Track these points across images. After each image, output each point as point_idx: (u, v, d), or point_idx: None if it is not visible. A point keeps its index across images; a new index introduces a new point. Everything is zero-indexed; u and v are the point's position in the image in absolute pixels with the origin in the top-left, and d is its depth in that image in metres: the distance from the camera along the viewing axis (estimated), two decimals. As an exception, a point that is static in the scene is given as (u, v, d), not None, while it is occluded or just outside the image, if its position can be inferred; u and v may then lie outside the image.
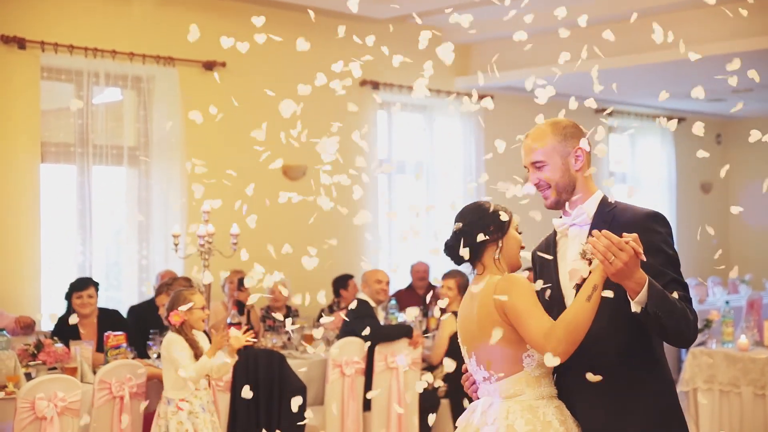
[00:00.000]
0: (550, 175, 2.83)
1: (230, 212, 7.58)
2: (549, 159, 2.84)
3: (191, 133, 7.76)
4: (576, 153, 2.82)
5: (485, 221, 2.96)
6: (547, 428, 2.69)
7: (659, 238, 2.65)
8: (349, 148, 9.56)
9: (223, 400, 5.30)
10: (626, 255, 2.47)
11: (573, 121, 2.88)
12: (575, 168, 2.83)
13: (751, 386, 6.49)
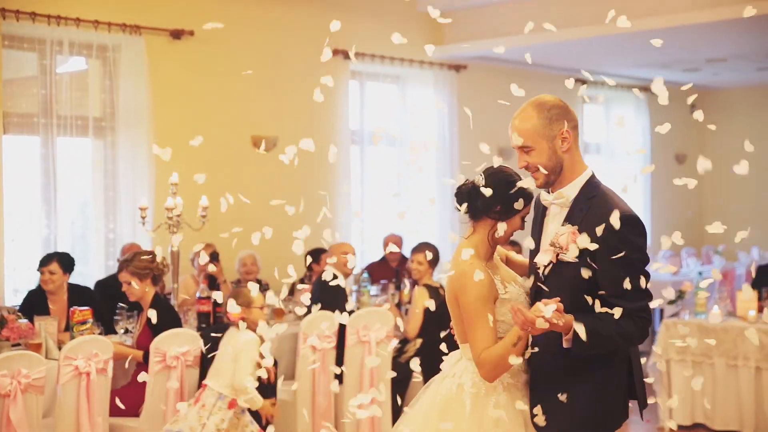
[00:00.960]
0: (537, 159, 2.84)
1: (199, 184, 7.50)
2: (535, 144, 2.84)
3: (159, 103, 7.66)
4: (562, 135, 2.81)
5: (498, 199, 2.96)
6: (490, 393, 2.89)
7: (627, 245, 2.67)
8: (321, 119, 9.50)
9: (192, 377, 5.26)
10: (540, 330, 2.65)
11: (558, 100, 2.85)
12: (562, 150, 2.83)
13: (724, 357, 6.55)
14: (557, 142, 2.81)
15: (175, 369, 5.13)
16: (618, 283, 2.65)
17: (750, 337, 2.99)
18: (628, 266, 2.66)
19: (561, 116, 2.81)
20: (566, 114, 2.82)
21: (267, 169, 8.34)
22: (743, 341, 6.42)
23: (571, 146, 2.83)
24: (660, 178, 12.26)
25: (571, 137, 2.82)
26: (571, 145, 2.83)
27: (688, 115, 13.88)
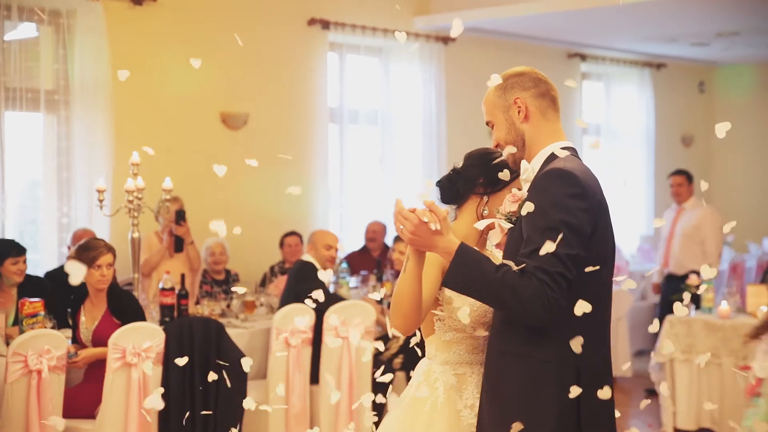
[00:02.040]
0: (498, 135, 2.85)
1: (162, 164, 7.50)
2: (493, 117, 2.85)
3: (118, 75, 7.61)
4: (516, 104, 2.80)
5: (480, 171, 2.98)
6: (432, 393, 2.92)
7: (547, 199, 2.54)
8: (296, 94, 9.49)
9: (154, 374, 5.25)
10: (410, 224, 2.60)
11: (521, 70, 2.84)
12: (520, 120, 2.81)
13: (732, 357, 6.60)
14: (512, 112, 2.80)
15: (136, 366, 5.12)
16: (527, 243, 2.54)
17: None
18: (545, 225, 2.52)
19: (516, 84, 2.81)
20: (523, 82, 2.81)
21: (237, 149, 8.31)
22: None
23: (531, 116, 2.79)
24: (664, 162, 12.31)
25: (530, 106, 2.79)
26: (532, 115, 2.79)
27: (695, 94, 14.03)
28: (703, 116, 13.29)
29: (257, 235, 8.19)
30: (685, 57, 12.38)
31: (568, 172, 2.59)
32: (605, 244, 2.67)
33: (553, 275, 2.49)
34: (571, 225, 2.53)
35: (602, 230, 2.65)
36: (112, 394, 5.10)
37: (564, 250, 2.50)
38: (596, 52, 11.50)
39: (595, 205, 2.61)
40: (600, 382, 2.60)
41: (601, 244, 2.64)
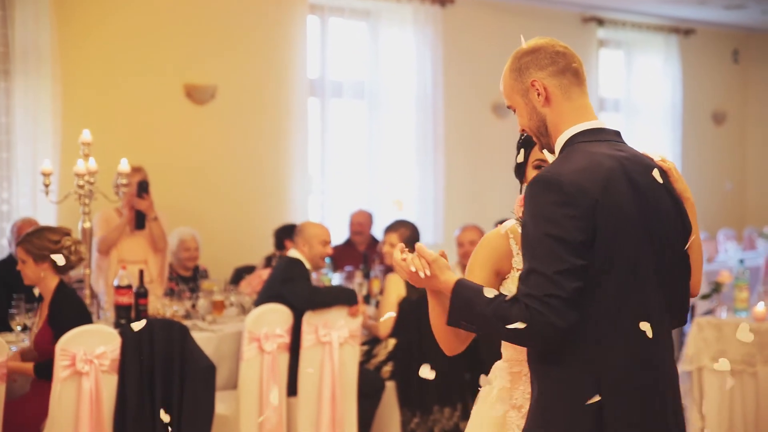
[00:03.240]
0: (521, 121, 2.90)
1: (118, 144, 7.50)
2: (513, 102, 2.90)
3: (67, 42, 7.60)
4: (534, 86, 2.83)
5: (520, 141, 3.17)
6: (489, 392, 3.18)
7: (531, 211, 2.66)
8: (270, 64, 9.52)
9: (109, 384, 5.26)
10: (404, 273, 2.82)
11: (535, 44, 2.86)
12: (540, 104, 2.84)
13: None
14: (532, 95, 2.84)
15: (88, 375, 5.13)
16: (522, 259, 2.68)
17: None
18: (526, 234, 2.66)
19: (531, 63, 2.83)
20: (538, 59, 2.83)
21: (203, 126, 8.32)
22: (793, 345, 6.51)
23: (552, 98, 2.82)
24: (693, 142, 12.36)
25: (549, 87, 2.82)
26: (553, 97, 2.82)
27: (729, 64, 14.09)
28: (737, 90, 13.34)
29: (226, 226, 8.20)
30: (718, 22, 12.42)
31: (550, 179, 2.65)
32: (614, 246, 2.68)
33: (542, 300, 2.58)
34: (558, 237, 2.61)
35: (608, 231, 2.66)
36: (60, 407, 5.10)
37: (552, 268, 2.58)
38: (615, 15, 11.52)
39: (588, 208, 2.64)
40: (628, 394, 2.70)
41: (608, 246, 2.66)
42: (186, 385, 5.44)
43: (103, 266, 7.00)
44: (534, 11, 10.60)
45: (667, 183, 2.83)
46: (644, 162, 2.80)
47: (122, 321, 5.80)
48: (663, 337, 2.78)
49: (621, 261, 2.69)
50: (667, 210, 2.79)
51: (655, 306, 2.76)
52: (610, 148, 2.79)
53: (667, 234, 2.79)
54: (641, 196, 2.74)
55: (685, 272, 2.88)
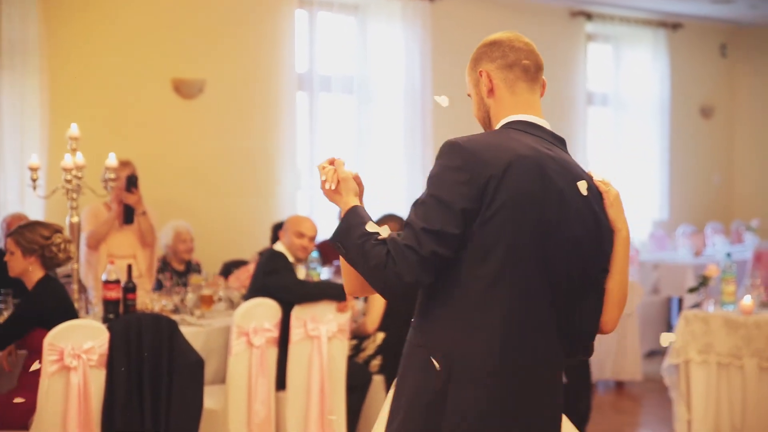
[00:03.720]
0: (473, 109, 3.00)
1: (105, 139, 7.48)
2: (470, 90, 3.00)
3: (55, 36, 7.58)
4: (482, 77, 2.92)
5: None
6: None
7: (430, 172, 2.75)
8: (259, 58, 9.49)
9: (97, 379, 5.26)
10: (319, 180, 3.03)
11: (496, 38, 2.91)
12: (486, 95, 2.93)
13: (756, 357, 6.67)
14: (480, 85, 2.92)
15: (76, 370, 5.13)
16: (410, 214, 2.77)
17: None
18: (417, 200, 2.75)
19: (483, 55, 2.91)
20: (491, 52, 2.90)
21: (192, 121, 8.31)
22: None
23: (496, 90, 2.89)
24: (681, 136, 12.39)
25: (494, 79, 2.88)
26: (497, 89, 2.88)
27: (717, 59, 14.11)
28: (725, 84, 13.37)
29: (215, 220, 8.20)
30: (706, 16, 12.45)
31: (453, 144, 2.71)
32: (505, 232, 2.66)
33: (401, 248, 2.63)
34: (440, 199, 2.65)
35: (505, 213, 2.65)
36: (48, 403, 5.09)
37: (420, 224, 2.64)
38: (603, 9, 11.54)
39: (481, 179, 2.65)
40: (475, 380, 2.68)
41: (498, 230, 2.65)
42: (174, 380, 5.44)
43: (92, 261, 6.99)
44: (522, 5, 10.61)
45: (594, 202, 2.80)
46: (572, 169, 2.79)
47: (110, 316, 5.79)
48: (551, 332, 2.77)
49: (506, 246, 2.67)
50: (584, 224, 2.76)
51: (534, 314, 2.72)
52: (538, 142, 2.79)
53: (575, 249, 2.74)
54: (552, 194, 2.71)
55: (588, 300, 2.81)
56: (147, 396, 5.41)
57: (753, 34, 13.36)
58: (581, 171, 2.81)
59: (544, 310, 2.72)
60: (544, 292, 2.72)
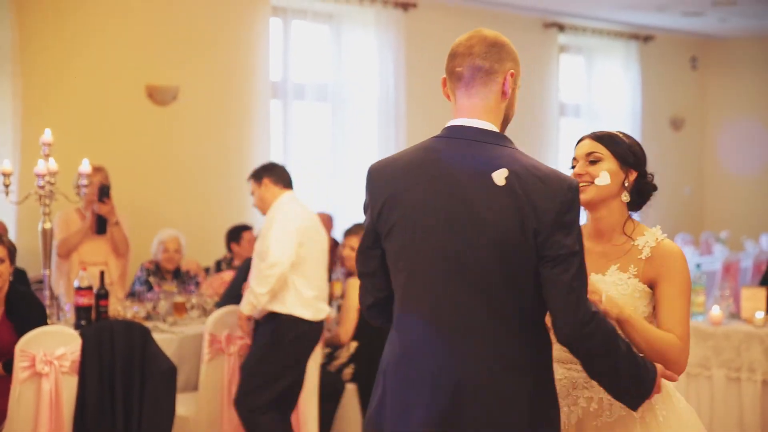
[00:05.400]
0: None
1: (79, 144, 7.45)
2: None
3: (28, 41, 7.55)
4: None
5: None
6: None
7: None
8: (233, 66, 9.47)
9: (69, 386, 5.24)
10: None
11: (453, 45, 2.99)
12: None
13: (724, 368, 6.72)
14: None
15: (48, 377, 5.11)
16: None
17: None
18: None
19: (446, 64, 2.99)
20: (447, 61, 2.96)
21: (165, 127, 8.29)
22: (748, 350, 6.59)
23: (449, 95, 2.97)
24: (652, 148, 12.45)
25: (446, 86, 2.97)
26: (450, 98, 2.96)
27: (687, 71, 14.20)
28: (695, 96, 13.47)
29: (188, 226, 8.18)
30: (676, 28, 12.55)
31: (368, 168, 2.95)
32: (394, 240, 2.84)
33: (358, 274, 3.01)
34: (364, 222, 2.96)
35: (394, 223, 2.84)
36: (20, 409, 5.07)
37: (359, 248, 2.97)
38: (576, 21, 11.61)
39: (379, 199, 2.87)
40: (393, 382, 2.86)
41: (391, 239, 2.85)
42: (147, 387, 5.43)
43: (64, 268, 6.96)
44: (495, 16, 10.66)
45: (517, 189, 2.72)
46: (489, 163, 2.77)
47: (83, 322, 5.77)
48: (448, 336, 2.77)
49: (397, 257, 2.85)
50: (498, 213, 2.72)
51: (445, 305, 2.78)
52: (447, 144, 2.85)
53: (483, 234, 2.73)
54: (445, 192, 2.78)
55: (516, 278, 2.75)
56: (119, 403, 5.39)
57: (723, 47, 13.48)
58: (501, 162, 2.76)
59: (454, 299, 2.78)
60: (443, 279, 2.79)
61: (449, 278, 2.77)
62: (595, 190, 3.22)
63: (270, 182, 6.09)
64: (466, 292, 2.75)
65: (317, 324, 5.95)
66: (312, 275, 5.94)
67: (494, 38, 2.93)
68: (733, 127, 13.22)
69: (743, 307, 6.87)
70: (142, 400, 5.45)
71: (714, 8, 10.95)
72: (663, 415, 3.15)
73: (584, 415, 3.17)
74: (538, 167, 2.77)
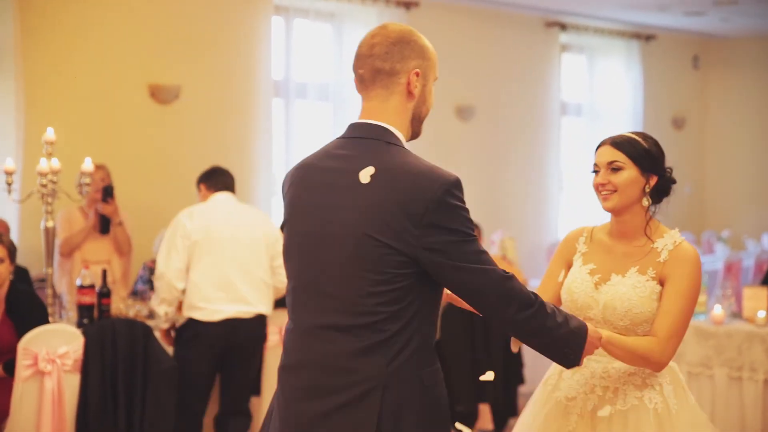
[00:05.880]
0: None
1: (81, 143, 7.46)
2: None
3: (31, 40, 7.55)
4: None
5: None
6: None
7: None
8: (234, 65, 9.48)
9: (71, 384, 5.25)
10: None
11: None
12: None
13: (726, 367, 6.72)
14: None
15: (50, 375, 5.11)
16: None
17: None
18: None
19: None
20: (353, 60, 2.99)
21: (168, 126, 8.30)
22: (749, 348, 6.59)
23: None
24: (653, 147, 12.43)
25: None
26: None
27: (689, 70, 14.20)
28: (697, 95, 13.46)
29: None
30: (678, 28, 12.54)
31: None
32: (287, 240, 2.89)
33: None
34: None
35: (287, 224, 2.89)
36: (22, 407, 5.08)
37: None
38: (578, 20, 11.60)
39: (284, 200, 2.92)
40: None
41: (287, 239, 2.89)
42: (149, 385, 5.44)
43: (66, 267, 6.97)
44: (498, 15, 10.65)
45: (383, 185, 2.67)
46: (356, 162, 2.74)
47: (85, 321, 5.78)
48: (316, 337, 2.78)
49: (288, 259, 2.89)
50: (361, 213, 2.69)
51: (314, 310, 2.78)
52: (335, 145, 2.87)
53: (347, 234, 2.71)
54: (317, 191, 2.80)
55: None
56: (121, 401, 5.40)
57: (725, 46, 13.47)
58: (373, 161, 2.72)
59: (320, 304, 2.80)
60: (312, 280, 2.80)
61: (309, 295, 2.79)
62: (617, 199, 3.35)
63: (204, 188, 6.16)
64: (324, 310, 2.76)
65: (214, 325, 5.78)
66: (216, 275, 5.83)
67: (398, 36, 2.82)
68: (735, 127, 13.22)
69: (745, 307, 6.88)
70: (144, 399, 5.46)
71: (716, 8, 10.94)
72: (675, 409, 3.29)
73: (600, 402, 3.33)
74: (414, 165, 2.70)
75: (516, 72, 10.94)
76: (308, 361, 2.77)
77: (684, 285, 3.26)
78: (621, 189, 3.34)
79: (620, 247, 3.42)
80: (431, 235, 2.64)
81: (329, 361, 2.72)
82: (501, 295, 2.72)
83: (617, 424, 3.29)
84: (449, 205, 2.65)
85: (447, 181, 2.67)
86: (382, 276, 2.66)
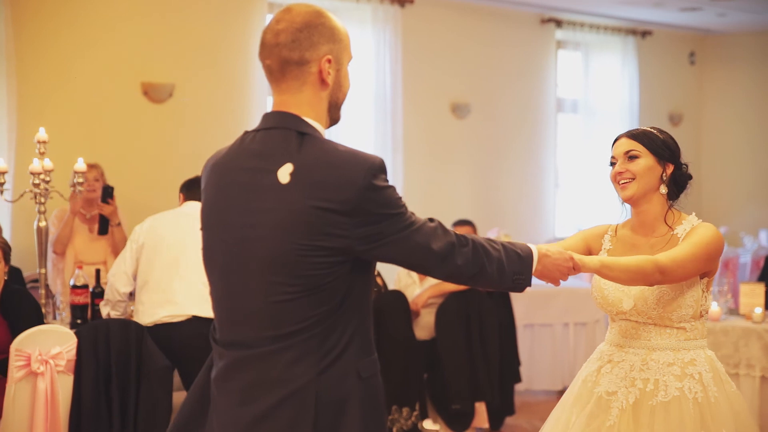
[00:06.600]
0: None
1: (74, 142, 7.44)
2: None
3: (23, 39, 7.54)
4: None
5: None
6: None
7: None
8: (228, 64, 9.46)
9: (65, 384, 5.24)
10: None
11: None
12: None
13: (723, 364, 6.72)
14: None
15: (43, 375, 5.10)
16: None
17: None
18: None
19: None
20: (259, 49, 2.84)
21: (161, 124, 8.28)
22: (746, 345, 6.59)
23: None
24: (650, 143, 12.43)
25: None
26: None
27: (685, 66, 14.19)
28: (693, 91, 13.46)
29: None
30: (674, 24, 12.54)
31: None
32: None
33: None
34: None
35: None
36: (15, 408, 5.07)
37: None
38: (573, 17, 11.59)
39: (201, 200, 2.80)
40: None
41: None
42: (142, 386, 5.42)
43: (60, 266, 6.95)
44: (493, 12, 10.64)
45: (301, 183, 2.54)
46: (273, 160, 2.61)
47: (78, 321, 5.78)
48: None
49: (209, 265, 2.75)
50: (288, 214, 2.55)
51: (238, 321, 2.64)
52: (248, 138, 2.74)
53: (259, 230, 2.58)
54: (235, 194, 2.65)
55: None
56: (115, 402, 5.39)
57: (721, 42, 13.47)
58: (289, 156, 2.58)
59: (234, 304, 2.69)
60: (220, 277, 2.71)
61: (233, 304, 2.65)
62: (635, 187, 3.46)
63: (182, 197, 6.13)
64: (248, 321, 2.62)
65: (149, 328, 5.60)
66: (155, 279, 5.72)
67: (305, 20, 2.64)
68: (732, 122, 13.21)
69: (742, 303, 6.88)
70: (138, 399, 5.44)
71: (712, 3, 10.94)
72: (714, 397, 3.39)
73: (641, 395, 3.40)
74: (332, 154, 2.56)
75: (512, 69, 10.93)
76: (238, 375, 2.62)
77: (697, 239, 3.38)
78: (639, 176, 3.45)
79: (644, 240, 3.52)
80: (363, 224, 2.51)
81: (259, 373, 2.58)
82: (438, 248, 2.61)
83: (659, 416, 3.35)
84: (376, 188, 2.52)
85: (369, 165, 2.54)
86: (309, 280, 2.52)
